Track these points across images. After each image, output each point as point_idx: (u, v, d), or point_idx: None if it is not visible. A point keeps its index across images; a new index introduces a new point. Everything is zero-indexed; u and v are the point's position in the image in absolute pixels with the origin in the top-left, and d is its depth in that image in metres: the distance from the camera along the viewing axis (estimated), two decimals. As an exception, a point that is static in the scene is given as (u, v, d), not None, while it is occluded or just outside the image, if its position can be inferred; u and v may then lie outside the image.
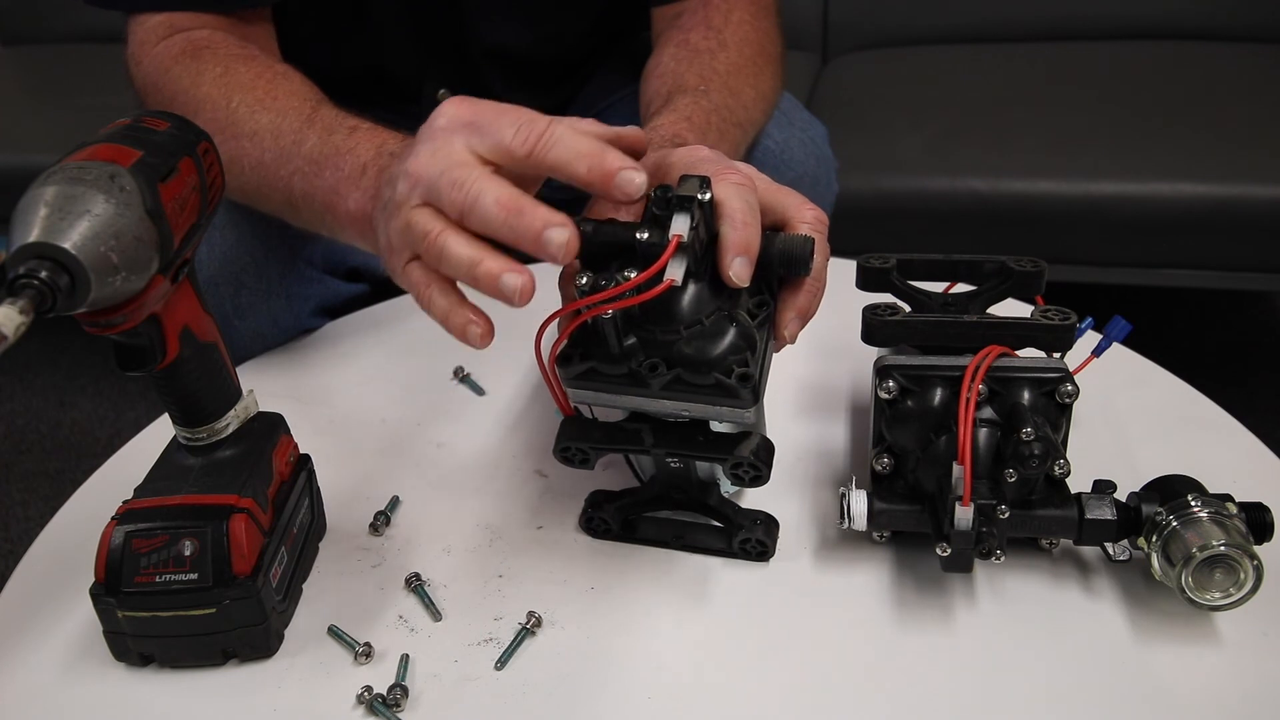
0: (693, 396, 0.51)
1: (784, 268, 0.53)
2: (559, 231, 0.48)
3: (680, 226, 0.49)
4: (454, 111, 0.52)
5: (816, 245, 0.54)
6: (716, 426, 0.54)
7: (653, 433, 0.54)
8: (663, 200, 0.50)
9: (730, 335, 0.51)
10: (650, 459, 0.59)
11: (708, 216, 0.51)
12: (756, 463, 0.53)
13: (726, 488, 0.60)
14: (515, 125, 0.49)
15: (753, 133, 0.82)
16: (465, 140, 0.50)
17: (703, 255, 0.51)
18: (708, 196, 0.51)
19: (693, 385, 0.51)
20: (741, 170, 0.54)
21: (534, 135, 0.49)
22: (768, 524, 0.60)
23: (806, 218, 0.55)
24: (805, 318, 0.55)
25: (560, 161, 0.49)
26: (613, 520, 0.61)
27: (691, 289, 0.51)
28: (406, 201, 0.52)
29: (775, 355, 0.56)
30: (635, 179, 0.48)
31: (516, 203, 0.48)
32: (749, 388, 0.50)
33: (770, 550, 0.59)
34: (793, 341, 0.55)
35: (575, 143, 0.49)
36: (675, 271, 0.49)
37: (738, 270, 0.50)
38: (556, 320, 0.54)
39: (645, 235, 0.50)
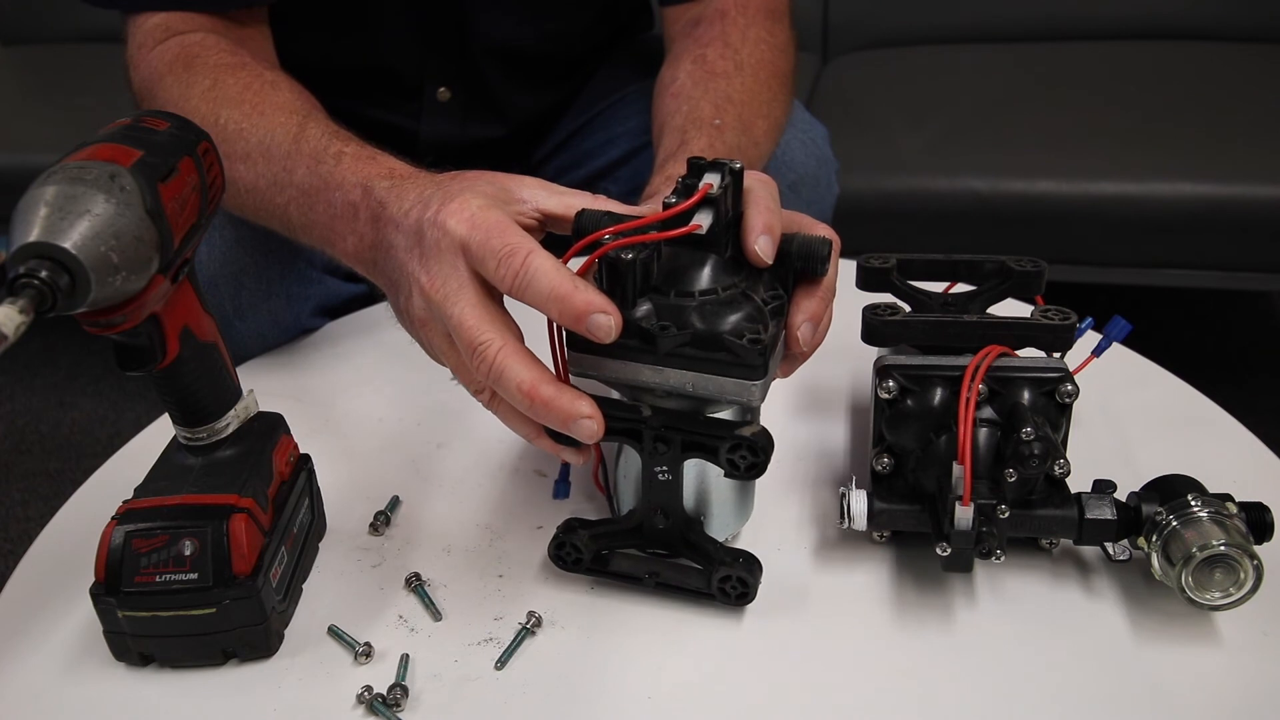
0: (700, 365, 0.50)
1: (801, 261, 0.53)
2: (587, 424, 0.50)
3: (711, 179, 0.50)
4: (452, 227, 0.52)
5: (832, 251, 0.54)
6: (718, 415, 0.54)
7: (651, 407, 0.53)
8: (695, 169, 0.51)
9: (744, 309, 0.51)
10: (632, 487, 0.57)
11: (736, 190, 0.52)
12: (755, 446, 0.51)
13: (713, 527, 0.58)
14: (496, 259, 0.50)
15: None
16: (467, 269, 0.51)
17: (726, 229, 0.52)
18: (739, 166, 0.52)
19: (701, 354, 0.50)
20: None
21: (510, 274, 0.49)
22: (749, 563, 0.55)
23: (820, 233, 0.56)
24: (816, 322, 0.54)
25: (535, 303, 0.49)
26: (585, 550, 0.57)
27: (711, 259, 0.51)
28: (433, 328, 0.54)
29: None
30: (603, 321, 0.48)
31: (538, 392, 0.49)
32: (758, 351, 0.49)
33: (752, 592, 0.55)
34: (805, 347, 0.54)
35: (547, 284, 0.48)
36: (702, 220, 0.50)
37: (763, 246, 0.51)
38: (570, 261, 0.52)
39: (674, 200, 0.50)
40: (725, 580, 0.55)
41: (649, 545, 0.58)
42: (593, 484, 0.63)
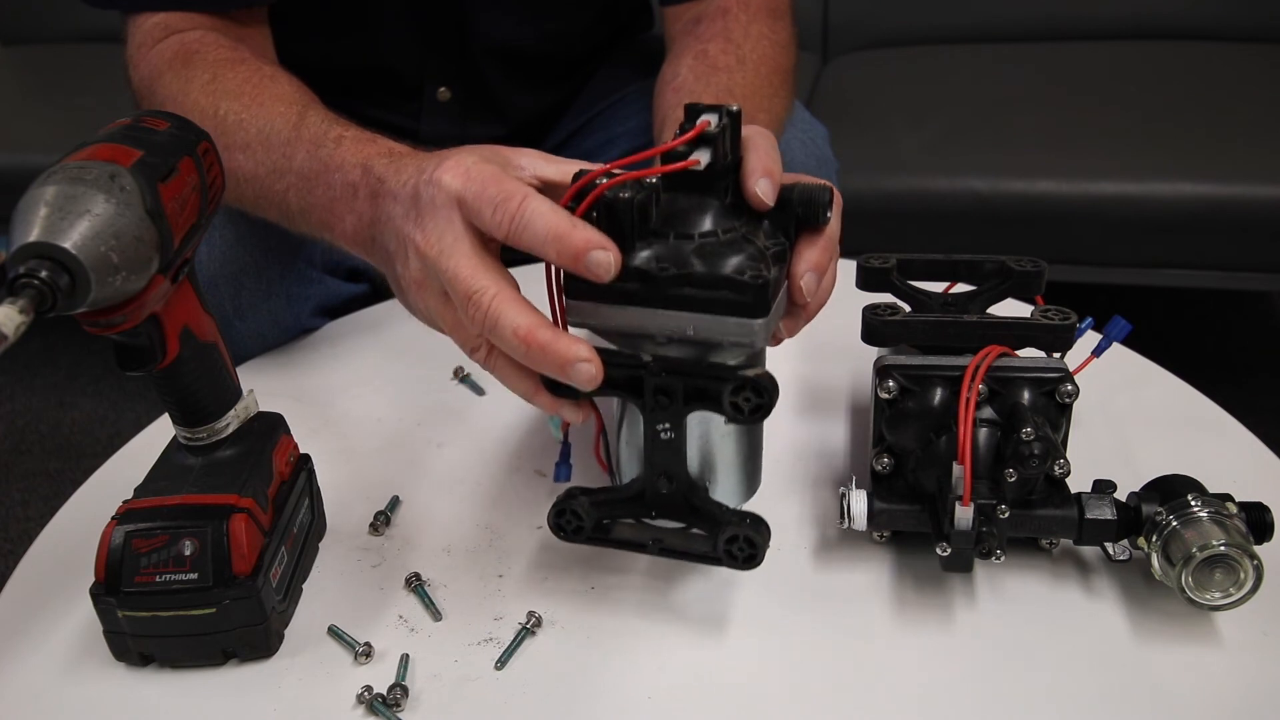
0: (701, 306, 0.49)
1: (803, 208, 0.53)
2: (585, 367, 0.49)
3: (709, 118, 0.50)
4: (447, 182, 0.51)
5: (834, 201, 0.54)
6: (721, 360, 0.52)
7: (652, 355, 0.52)
8: (692, 112, 0.51)
9: (745, 250, 0.50)
10: (635, 456, 0.56)
11: (734, 134, 0.52)
12: (760, 387, 0.48)
13: (718, 496, 0.57)
14: (492, 206, 0.50)
15: None
16: (462, 222, 0.51)
17: (725, 173, 0.51)
18: (736, 109, 0.51)
19: (702, 293, 0.49)
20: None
21: (507, 218, 0.49)
22: (757, 523, 0.52)
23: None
24: (820, 272, 0.54)
25: (532, 246, 0.49)
26: (586, 517, 0.55)
27: (711, 204, 0.51)
28: (429, 287, 0.53)
29: (777, 349, 0.56)
30: (602, 258, 0.48)
31: (534, 336, 0.49)
32: (760, 286, 0.48)
33: (760, 553, 0.52)
34: (809, 298, 0.53)
35: (544, 225, 0.48)
36: (700, 156, 0.50)
37: (763, 188, 0.51)
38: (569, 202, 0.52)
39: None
40: (732, 541, 0.52)
41: (652, 512, 0.56)
42: (594, 469, 0.63)
